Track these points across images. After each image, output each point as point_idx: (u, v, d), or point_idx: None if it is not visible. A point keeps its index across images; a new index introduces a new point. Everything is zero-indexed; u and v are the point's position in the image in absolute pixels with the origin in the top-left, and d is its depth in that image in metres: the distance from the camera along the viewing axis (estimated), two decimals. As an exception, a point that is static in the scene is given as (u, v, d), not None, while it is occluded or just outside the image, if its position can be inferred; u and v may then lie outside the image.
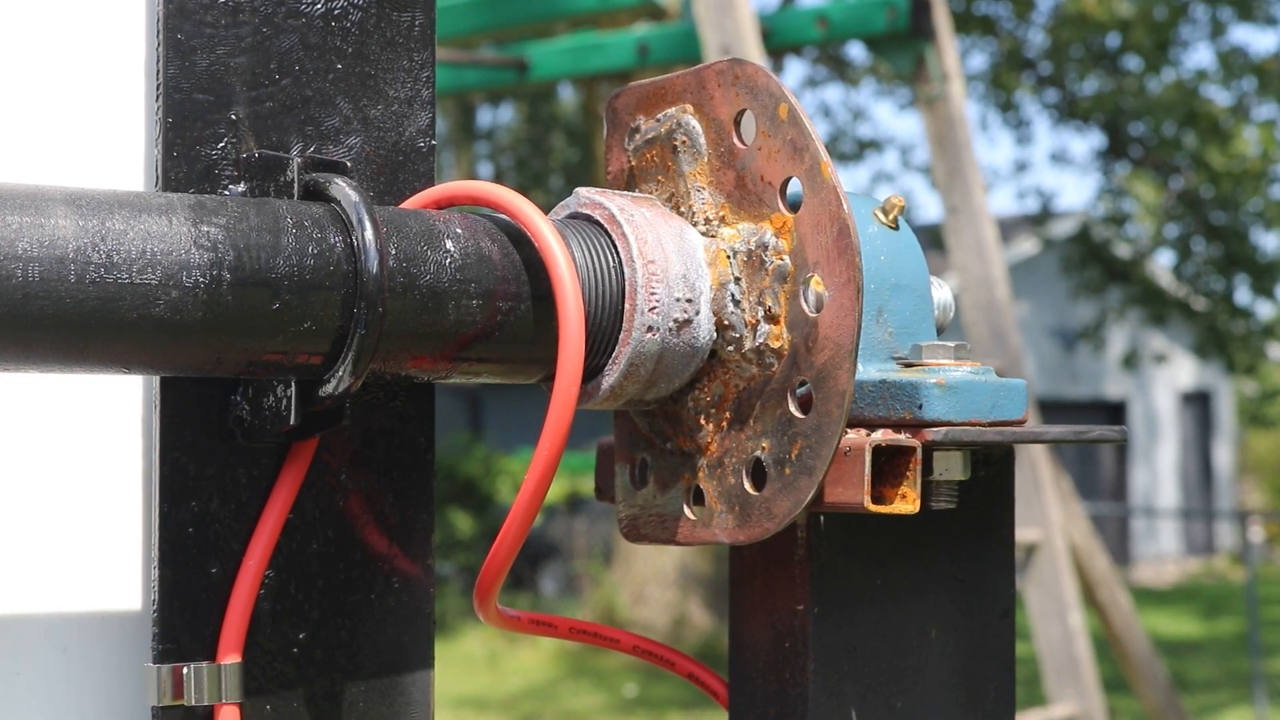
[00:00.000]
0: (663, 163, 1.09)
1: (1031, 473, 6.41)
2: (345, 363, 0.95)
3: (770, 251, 1.02)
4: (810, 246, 1.00)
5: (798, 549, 1.04)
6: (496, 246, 1.01)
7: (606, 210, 1.05)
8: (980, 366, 1.05)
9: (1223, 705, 12.41)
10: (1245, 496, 27.82)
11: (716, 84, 1.06)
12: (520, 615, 1.16)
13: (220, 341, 0.93)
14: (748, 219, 1.04)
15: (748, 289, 1.03)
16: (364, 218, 0.95)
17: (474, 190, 1.04)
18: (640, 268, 1.03)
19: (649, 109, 1.11)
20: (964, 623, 1.09)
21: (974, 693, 1.09)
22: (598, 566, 16.54)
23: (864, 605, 1.05)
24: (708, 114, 1.07)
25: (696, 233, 1.06)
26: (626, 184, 1.12)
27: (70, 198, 0.89)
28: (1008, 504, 1.11)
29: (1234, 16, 16.80)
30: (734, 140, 1.05)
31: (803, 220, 1.01)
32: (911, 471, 0.99)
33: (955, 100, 6.67)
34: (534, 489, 0.98)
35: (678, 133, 1.08)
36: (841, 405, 0.98)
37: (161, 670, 1.02)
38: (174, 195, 0.94)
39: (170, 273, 0.90)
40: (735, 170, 1.05)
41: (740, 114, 1.05)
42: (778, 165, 1.02)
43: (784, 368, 1.02)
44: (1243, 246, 17.59)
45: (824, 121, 20.04)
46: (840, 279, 0.98)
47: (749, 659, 1.08)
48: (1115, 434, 1.08)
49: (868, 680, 1.05)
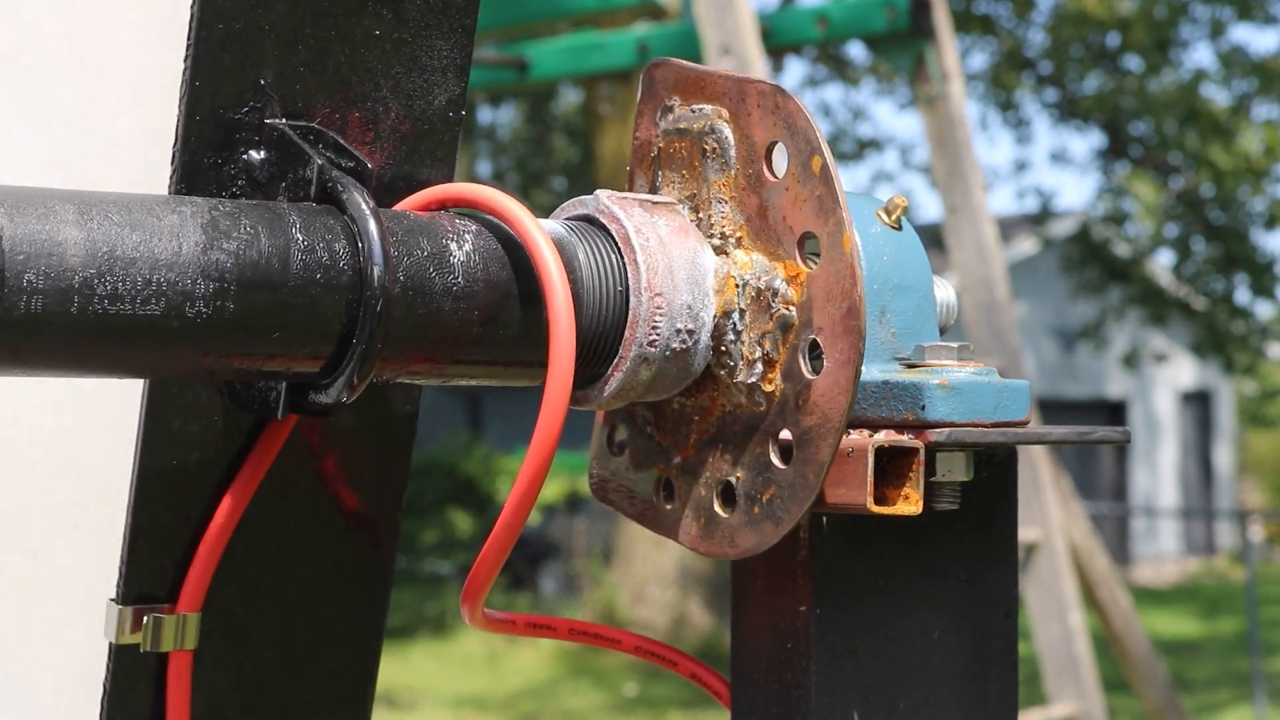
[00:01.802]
0: (689, 160, 1.07)
1: (1032, 472, 6.41)
2: (341, 380, 0.96)
3: (779, 299, 1.01)
4: (818, 311, 0.99)
5: (800, 550, 1.04)
6: (499, 253, 1.01)
7: (622, 229, 1.03)
8: (983, 367, 1.05)
9: (1223, 705, 12.42)
10: (1245, 496, 27.83)
11: (757, 103, 1.03)
12: (516, 618, 1.15)
13: (216, 359, 0.93)
14: (763, 252, 1.03)
15: (750, 324, 1.03)
16: (375, 250, 0.94)
17: (468, 194, 1.02)
18: (646, 300, 1.02)
19: (686, 94, 1.08)
20: (967, 624, 1.09)
21: (977, 694, 1.09)
22: (598, 566, 16.55)
23: (866, 606, 1.05)
24: (742, 128, 1.04)
25: (710, 254, 1.05)
26: (651, 161, 1.10)
27: (80, 214, 0.88)
28: (1011, 505, 1.10)
29: (1234, 16, 16.80)
30: (764, 168, 1.03)
31: (816, 280, 0.99)
32: (914, 473, 0.99)
33: (955, 100, 6.67)
34: (523, 494, 0.97)
35: (709, 137, 1.06)
36: (819, 474, 0.98)
37: (124, 611, 1.06)
38: (188, 210, 0.92)
39: (174, 304, 0.90)
40: (760, 198, 1.03)
41: (774, 144, 1.02)
42: (802, 215, 1.00)
43: (772, 411, 1.02)
44: (1242, 246, 17.61)
45: (824, 121, 20.04)
46: (841, 356, 0.97)
47: (751, 660, 1.07)
48: (1118, 435, 1.08)
49: (870, 681, 1.05)
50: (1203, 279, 18.35)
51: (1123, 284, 19.35)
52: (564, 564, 18.21)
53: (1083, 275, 19.47)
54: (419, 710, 12.31)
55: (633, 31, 7.59)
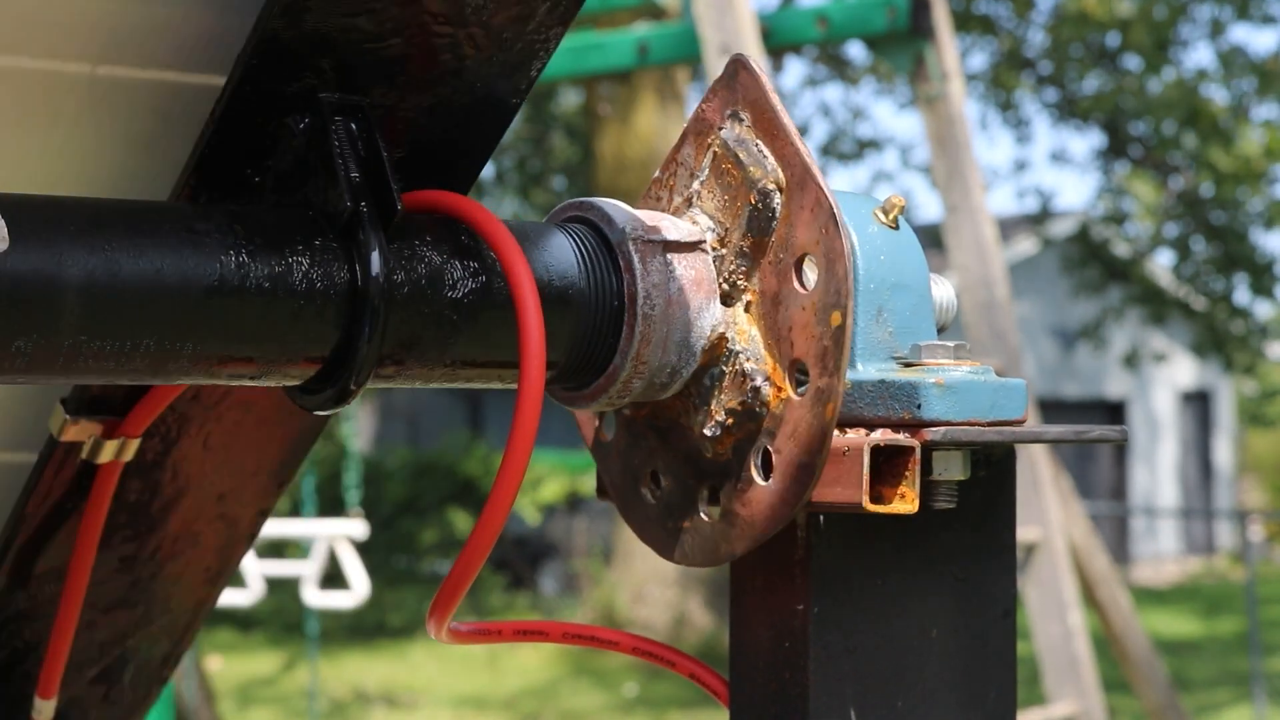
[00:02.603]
0: (735, 194, 1.05)
1: (1031, 472, 6.41)
2: (331, 393, 0.98)
3: (756, 399, 1.02)
4: (783, 436, 1.01)
5: (797, 549, 1.04)
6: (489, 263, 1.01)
7: (633, 289, 1.02)
8: (980, 366, 1.05)
9: (1222, 705, 12.42)
10: (1245, 496, 27.83)
11: (813, 206, 1.01)
12: (502, 626, 1.14)
13: (207, 373, 0.95)
14: (763, 335, 1.03)
15: (724, 391, 1.04)
16: (378, 304, 0.94)
17: (446, 203, 1.02)
18: (629, 364, 1.03)
19: (758, 121, 1.05)
20: (965, 623, 1.09)
21: (975, 693, 1.09)
22: (598, 566, 16.55)
23: (864, 605, 1.05)
24: (791, 215, 1.02)
25: (716, 309, 1.05)
26: (705, 149, 1.08)
27: (86, 284, 0.88)
28: (1009, 504, 1.10)
29: (1233, 16, 16.80)
30: (793, 275, 1.02)
31: (791, 415, 1.01)
32: (910, 471, 0.99)
33: (955, 99, 6.67)
34: (501, 506, 0.97)
35: (760, 196, 1.03)
36: (729, 556, 1.03)
37: (68, 419, 1.16)
38: (211, 259, 0.92)
39: (169, 346, 0.91)
40: (779, 288, 1.03)
41: (809, 257, 1.01)
42: (805, 346, 1.00)
43: (712, 471, 1.05)
44: (1242, 246, 17.60)
45: (824, 121, 20.04)
46: (787, 492, 1.00)
47: (749, 659, 1.07)
48: (1116, 434, 1.08)
49: (868, 680, 1.05)
50: (1202, 279, 18.35)
51: (1122, 284, 19.35)
52: (564, 564, 18.21)
53: (1082, 275, 19.47)
54: (419, 710, 12.31)
55: (632, 31, 7.59)
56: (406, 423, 23.06)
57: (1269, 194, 17.05)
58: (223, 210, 0.95)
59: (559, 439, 18.28)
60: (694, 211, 1.08)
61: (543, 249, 1.03)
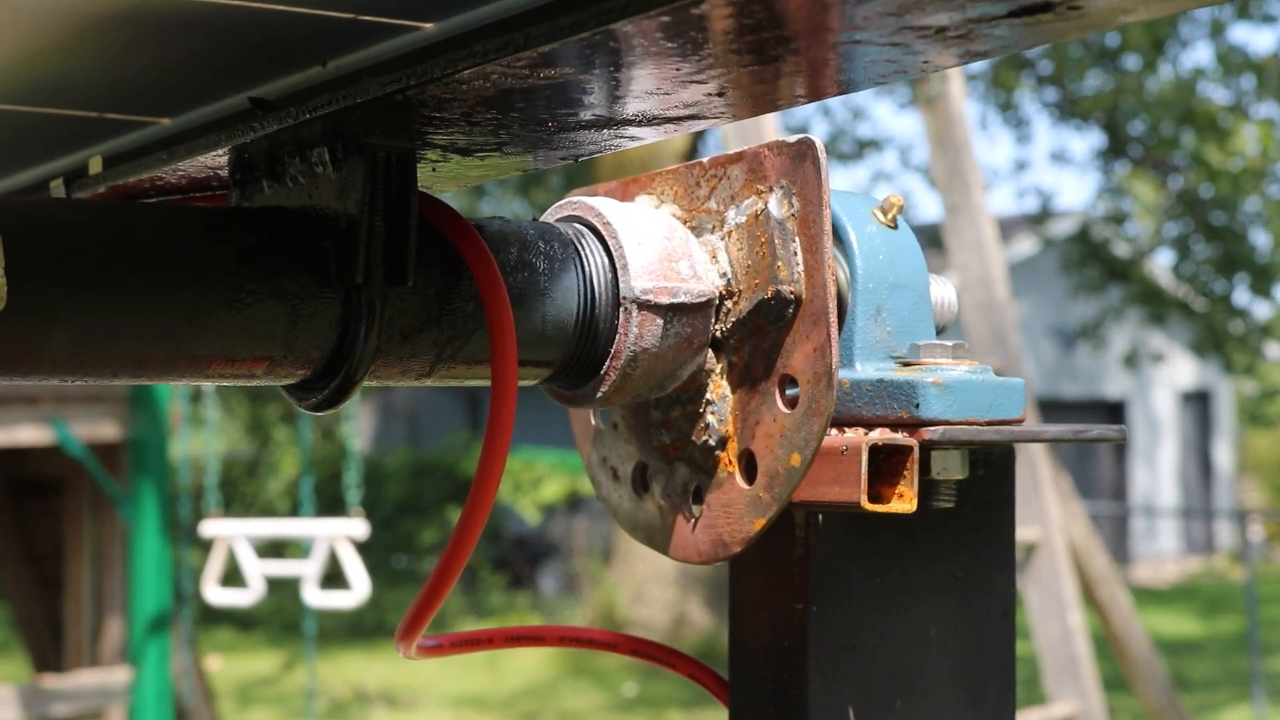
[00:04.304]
0: (752, 272, 1.03)
1: (1031, 472, 6.41)
2: (328, 392, 0.98)
3: (708, 457, 1.05)
4: (717, 506, 1.04)
5: (796, 548, 1.04)
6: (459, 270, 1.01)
7: (627, 316, 1.03)
8: (978, 366, 1.05)
9: (1222, 704, 12.41)
10: (1245, 495, 27.81)
11: (814, 343, 0.99)
12: (493, 635, 1.12)
13: (207, 373, 0.95)
14: (730, 409, 1.04)
15: (700, 414, 1.06)
16: (375, 303, 0.95)
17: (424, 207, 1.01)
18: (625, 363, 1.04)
19: (792, 219, 1.02)
20: (964, 622, 1.09)
21: (974, 692, 1.09)
22: (597, 566, 16.54)
23: (863, 604, 1.05)
24: (796, 331, 1.00)
25: (702, 357, 1.05)
26: (731, 198, 1.06)
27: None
28: (1008, 503, 1.10)
29: (1233, 15, 16.79)
30: (776, 388, 1.01)
31: (731, 498, 1.03)
32: (909, 471, 0.99)
33: (954, 99, 6.67)
34: (479, 511, 0.97)
35: (776, 299, 1.01)
36: (703, 560, 1.06)
37: None
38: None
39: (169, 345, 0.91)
40: (758, 384, 1.02)
41: (792, 380, 1.00)
42: (763, 453, 1.01)
43: (692, 475, 1.07)
44: (1241, 246, 17.59)
45: (824, 121, 20.03)
46: (714, 541, 1.03)
47: (748, 658, 1.08)
48: (1114, 433, 1.08)
49: (867, 679, 1.05)
50: (1202, 279, 18.34)
51: (1122, 284, 19.34)
52: (563, 564, 18.20)
53: (1082, 275, 19.46)
54: (419, 710, 12.31)
55: (632, 31, 7.57)
56: (406, 423, 23.06)
57: (1266, 193, 17.03)
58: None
59: (559, 439, 18.28)
60: (718, 243, 1.05)
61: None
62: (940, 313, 1.12)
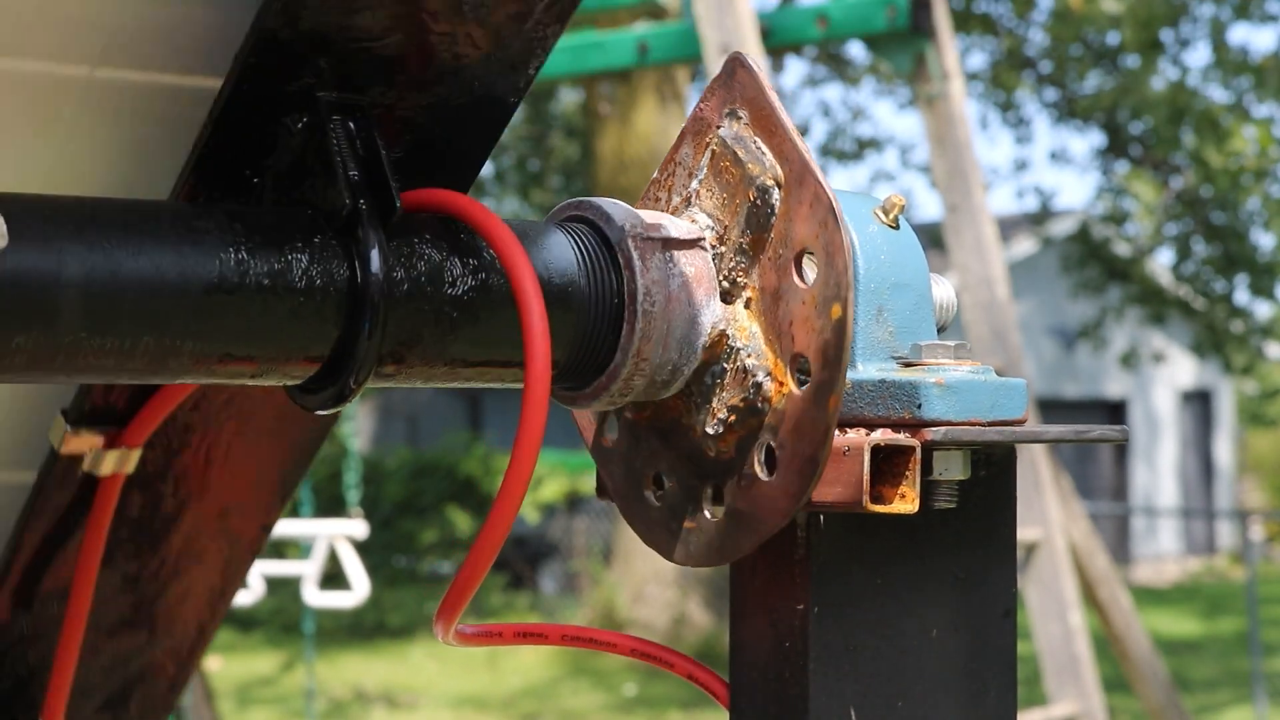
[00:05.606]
0: (734, 191, 1.05)
1: (1031, 472, 6.41)
2: (331, 392, 0.97)
3: (757, 394, 1.02)
4: (785, 430, 1.00)
5: (798, 548, 1.04)
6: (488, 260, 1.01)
7: (633, 285, 1.02)
8: (980, 366, 1.05)
9: (1223, 705, 12.42)
10: (1245, 495, 27.82)
11: (810, 201, 1.01)
12: (503, 630, 1.14)
13: (207, 372, 0.95)
14: (763, 338, 1.03)
15: (726, 387, 1.04)
16: (378, 302, 0.94)
17: (446, 202, 1.01)
18: (630, 361, 1.02)
19: (755, 118, 1.05)
20: (965, 622, 1.08)
21: (975, 692, 1.09)
22: (597, 566, 16.54)
23: (864, 604, 1.05)
24: (789, 211, 1.02)
25: (716, 307, 1.04)
26: (704, 149, 1.07)
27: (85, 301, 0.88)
28: (1009, 503, 1.10)
29: (1232, 15, 16.79)
30: (793, 270, 1.01)
31: (793, 409, 1.00)
32: (910, 471, 0.99)
33: (955, 99, 6.67)
34: (510, 506, 0.97)
35: (759, 193, 1.03)
36: (734, 554, 1.03)
37: (69, 430, 1.16)
38: (211, 256, 0.92)
39: (169, 343, 0.91)
40: (778, 283, 1.02)
41: (808, 253, 1.00)
42: (806, 340, 1.00)
43: (715, 470, 1.05)
44: (1242, 246, 17.59)
45: (824, 120, 20.04)
46: (791, 485, 0.99)
47: (749, 658, 1.07)
48: (1116, 433, 1.08)
49: (868, 680, 1.05)
50: (1202, 279, 18.35)
51: (1122, 283, 19.34)
52: (564, 564, 18.21)
53: (1082, 275, 19.46)
54: (419, 710, 12.31)
55: (632, 31, 7.59)
56: (406, 423, 23.06)
57: (1265, 192, 17.02)
58: (222, 209, 0.95)
59: (559, 439, 18.28)
60: (693, 210, 1.07)
61: (542, 248, 1.03)
62: (940, 313, 1.12)
